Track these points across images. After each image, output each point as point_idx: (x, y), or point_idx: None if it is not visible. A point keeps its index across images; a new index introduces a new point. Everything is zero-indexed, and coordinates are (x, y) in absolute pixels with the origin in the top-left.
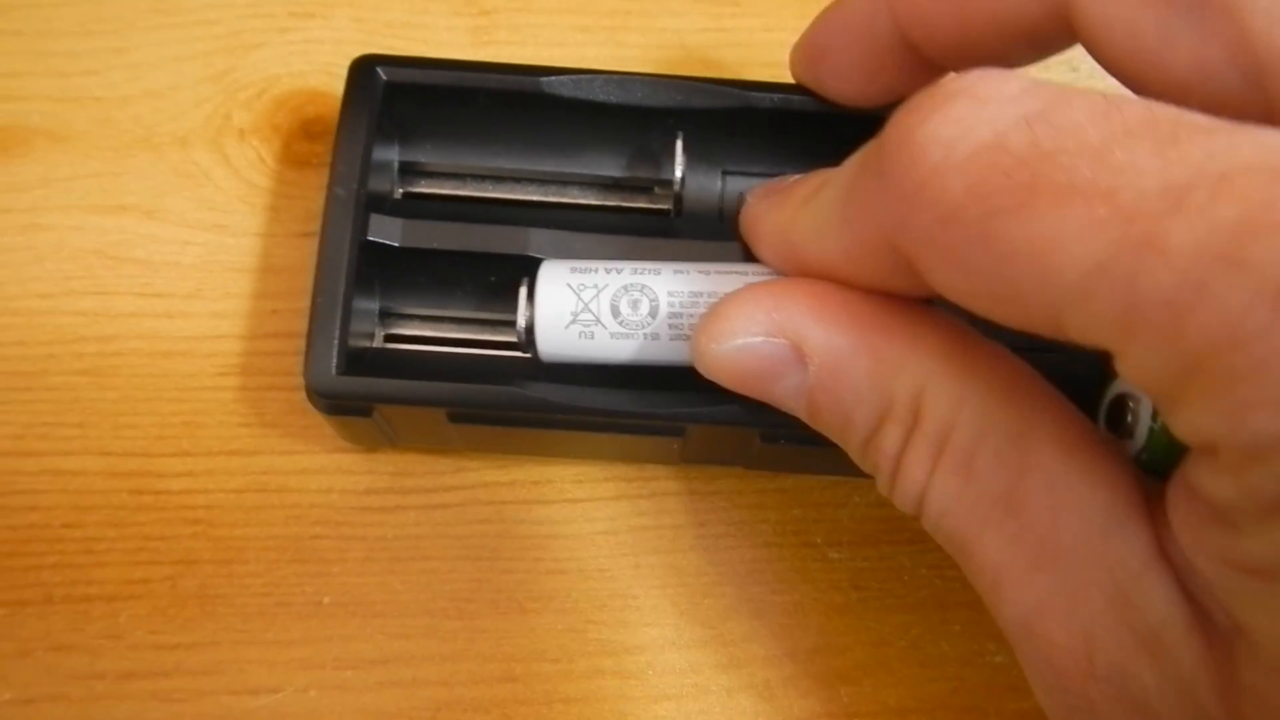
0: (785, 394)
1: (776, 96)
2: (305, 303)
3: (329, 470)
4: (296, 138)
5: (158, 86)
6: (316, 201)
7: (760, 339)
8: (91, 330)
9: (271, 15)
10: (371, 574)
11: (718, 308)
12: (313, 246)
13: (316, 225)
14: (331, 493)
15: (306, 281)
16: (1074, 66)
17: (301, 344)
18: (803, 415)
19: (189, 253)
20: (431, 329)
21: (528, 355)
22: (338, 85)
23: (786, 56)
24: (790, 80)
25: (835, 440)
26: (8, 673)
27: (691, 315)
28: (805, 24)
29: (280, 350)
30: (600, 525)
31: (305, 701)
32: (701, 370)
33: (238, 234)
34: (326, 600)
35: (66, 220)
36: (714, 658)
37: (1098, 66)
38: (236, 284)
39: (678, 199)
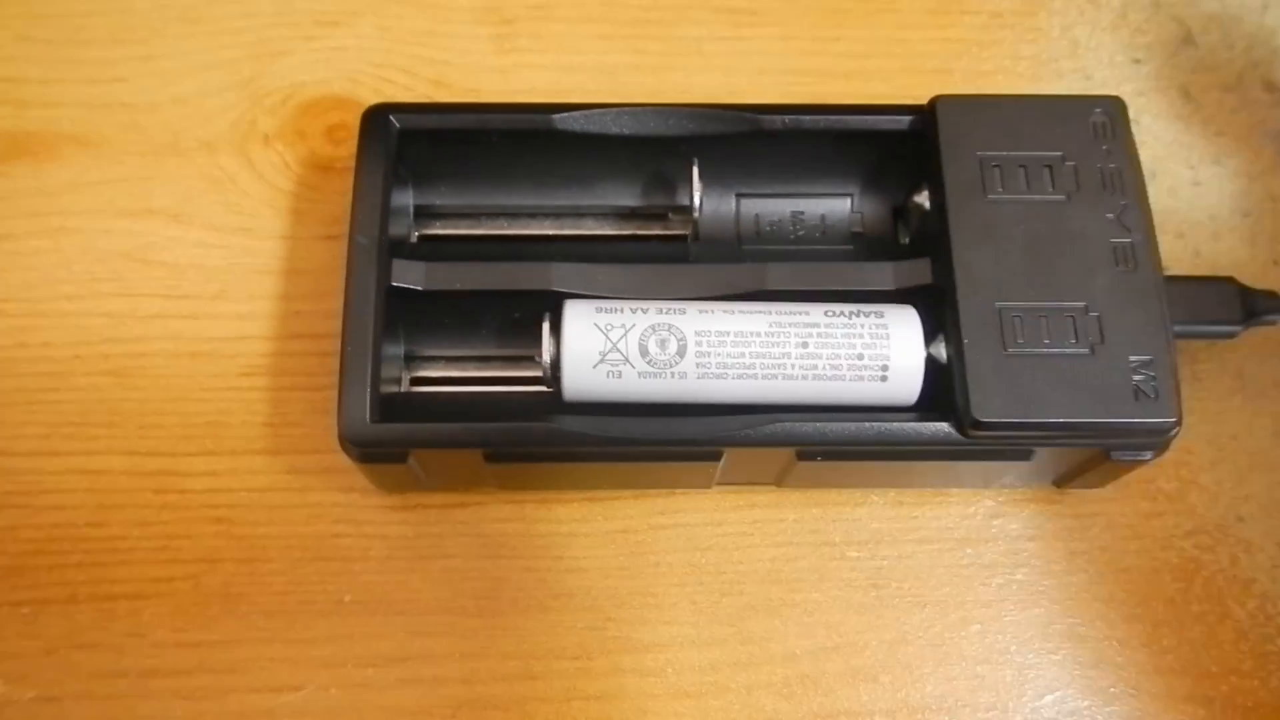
0: None
1: (787, 119)
2: (329, 304)
3: (351, 470)
4: (321, 143)
5: (185, 93)
6: (340, 205)
7: None
8: (118, 332)
9: (297, 24)
10: (393, 572)
11: None
12: (336, 249)
13: (340, 228)
14: (353, 491)
15: (330, 283)
16: (1089, 75)
17: (329, 347)
18: None
19: (214, 255)
20: (457, 369)
21: (553, 389)
22: (361, 92)
23: (803, 64)
24: (788, 91)
25: None
26: (32, 670)
27: (720, 354)
28: (823, 34)
29: (304, 351)
30: (620, 524)
31: (327, 699)
32: None
33: (262, 237)
34: (348, 598)
35: (94, 224)
36: (733, 656)
37: (1110, 76)
38: (261, 286)
39: (695, 224)
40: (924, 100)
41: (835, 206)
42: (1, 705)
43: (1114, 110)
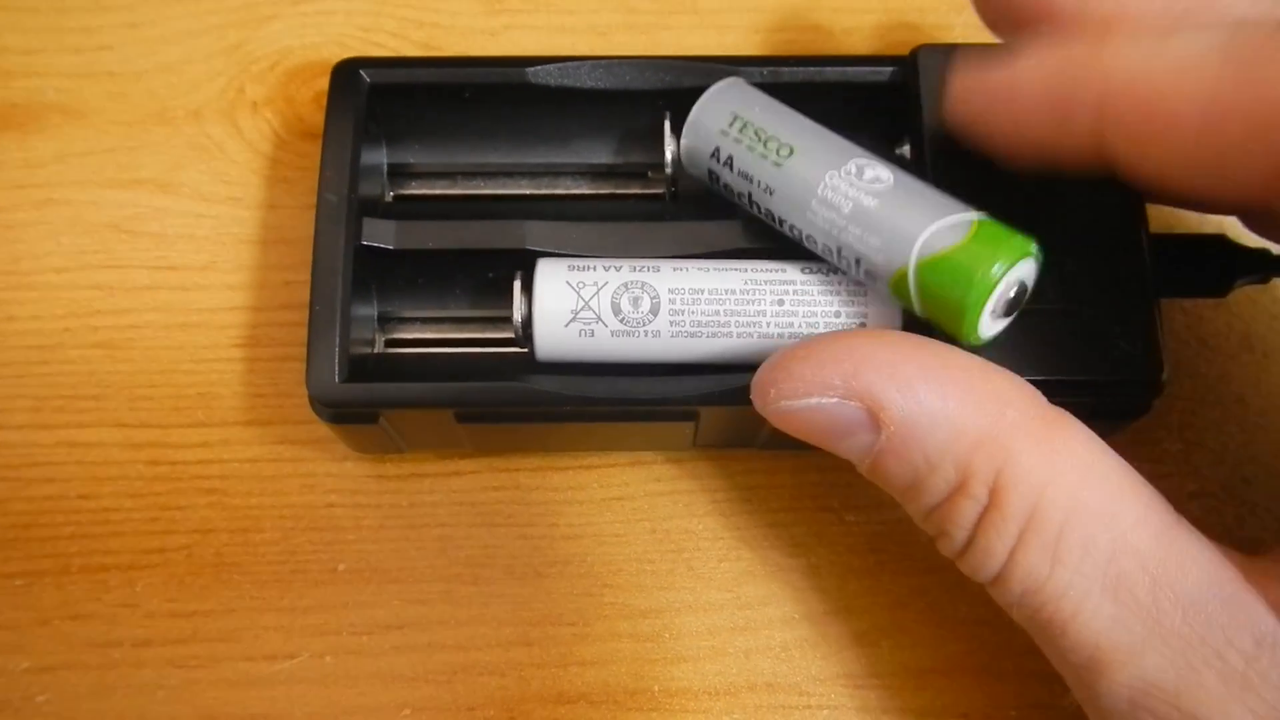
0: (849, 449)
1: (765, 70)
2: None
3: (343, 439)
4: (309, 109)
5: (171, 60)
6: None
7: (834, 400)
8: (107, 304)
9: None
10: (386, 541)
11: (790, 364)
12: None
13: None
14: (346, 461)
15: None
16: None
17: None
18: (863, 471)
19: (203, 226)
20: (432, 331)
21: (526, 349)
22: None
23: (799, 21)
24: (782, 50)
25: (894, 497)
26: (27, 641)
27: (694, 312)
28: None
29: (294, 321)
30: (615, 491)
31: (322, 667)
32: (761, 413)
33: (251, 206)
34: (342, 567)
35: (82, 195)
36: (731, 621)
37: None
38: (250, 256)
39: (672, 181)
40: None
41: None
42: None
43: None
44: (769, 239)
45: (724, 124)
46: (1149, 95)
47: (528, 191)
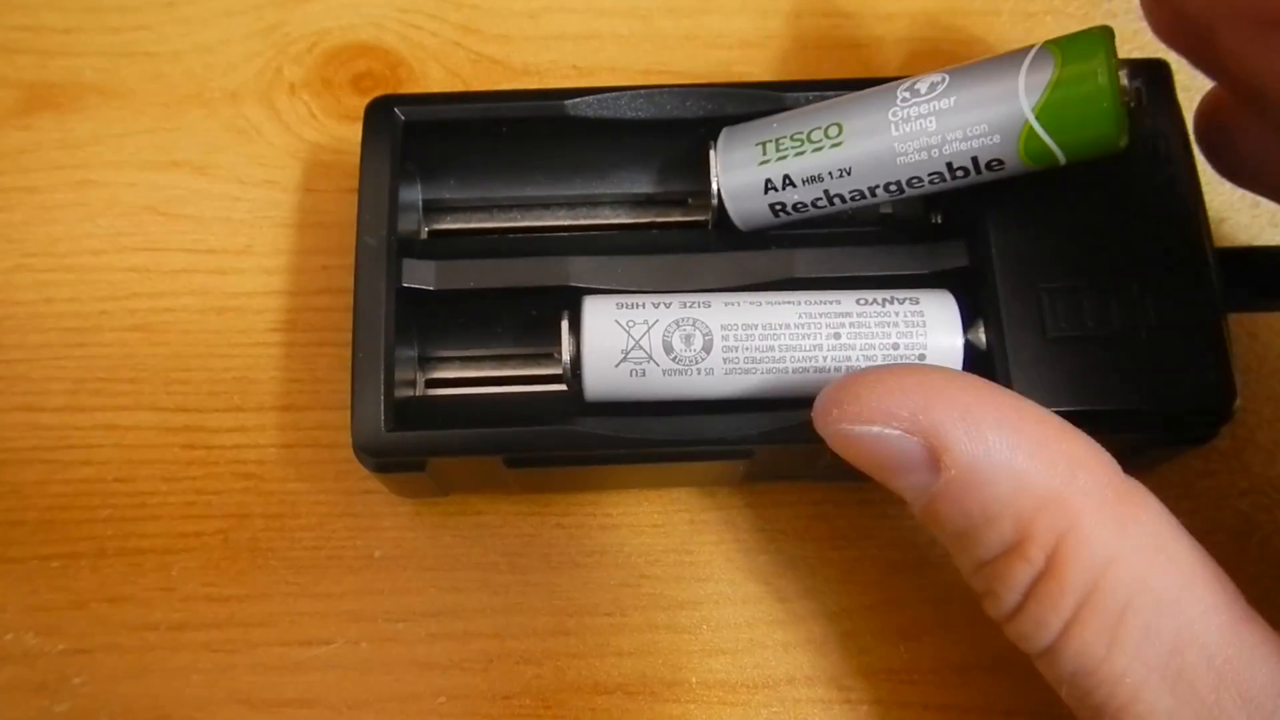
0: (905, 486)
1: (811, 95)
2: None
3: (387, 487)
4: (347, 92)
5: (209, 41)
6: None
7: (897, 433)
8: (144, 286)
9: None
10: (423, 528)
11: (858, 388)
12: None
13: None
14: None
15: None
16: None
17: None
18: (916, 512)
19: (240, 208)
20: (474, 370)
21: (573, 389)
22: (388, 38)
23: (841, 5)
24: (826, 35)
25: (943, 542)
26: (63, 623)
27: (748, 348)
28: None
29: (331, 306)
30: (666, 487)
31: (357, 653)
32: (820, 433)
33: (288, 189)
34: (378, 554)
35: (119, 176)
36: (769, 613)
37: None
38: (287, 239)
39: (716, 209)
40: (969, 46)
41: None
42: (33, 657)
43: (1158, 74)
44: (819, 268)
45: (757, 158)
46: None
47: (566, 222)
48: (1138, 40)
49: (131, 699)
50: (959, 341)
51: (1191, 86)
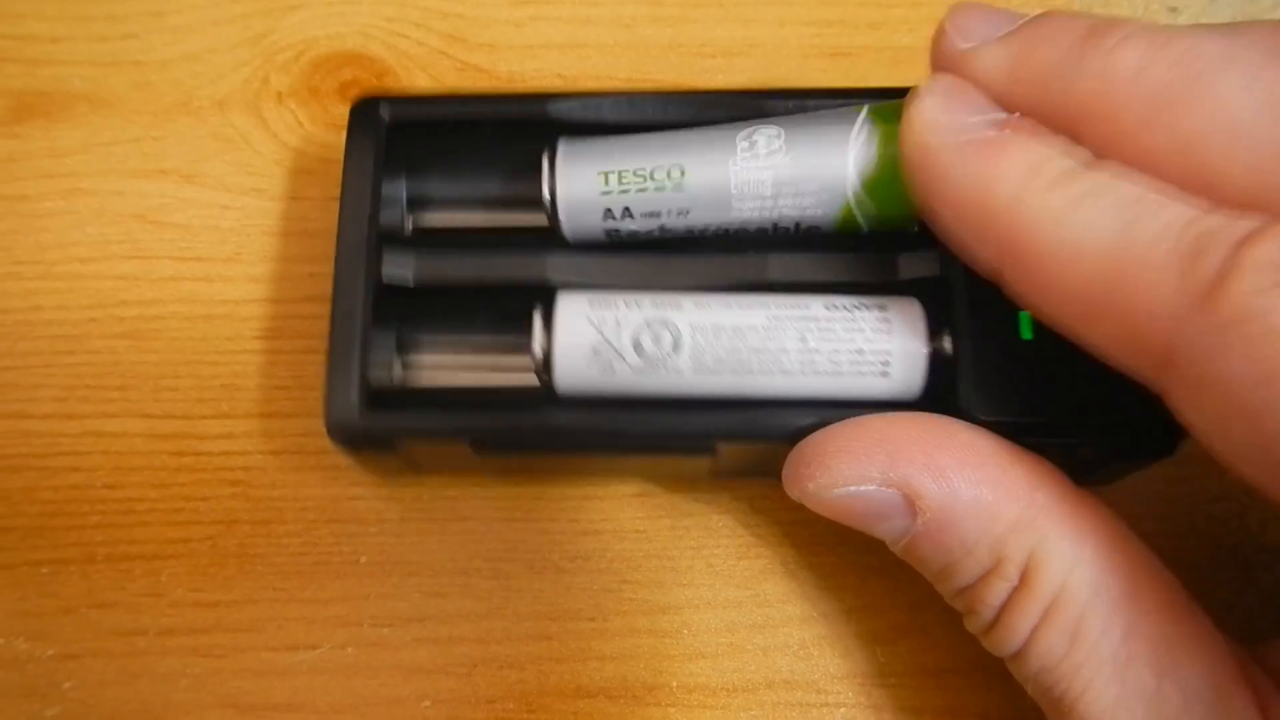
0: (885, 532)
1: (791, 103)
2: None
3: (360, 467)
4: (333, 100)
5: (196, 50)
6: None
7: (874, 487)
8: (132, 294)
9: None
10: (408, 534)
11: (823, 455)
12: None
13: None
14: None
15: None
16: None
17: None
18: (897, 551)
19: (227, 217)
20: (451, 359)
21: (545, 383)
22: (374, 47)
23: (824, 14)
24: (809, 42)
25: (926, 576)
26: (52, 629)
27: (715, 349)
28: None
29: (317, 314)
30: (636, 488)
31: (343, 658)
32: (797, 500)
33: (275, 198)
34: (363, 559)
35: (107, 185)
36: (750, 618)
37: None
38: (274, 248)
39: (551, 217)
40: None
41: None
42: (23, 662)
43: None
44: (793, 272)
45: (599, 187)
46: (1036, 271)
47: (547, 223)
48: None
49: (120, 703)
50: (924, 349)
51: None
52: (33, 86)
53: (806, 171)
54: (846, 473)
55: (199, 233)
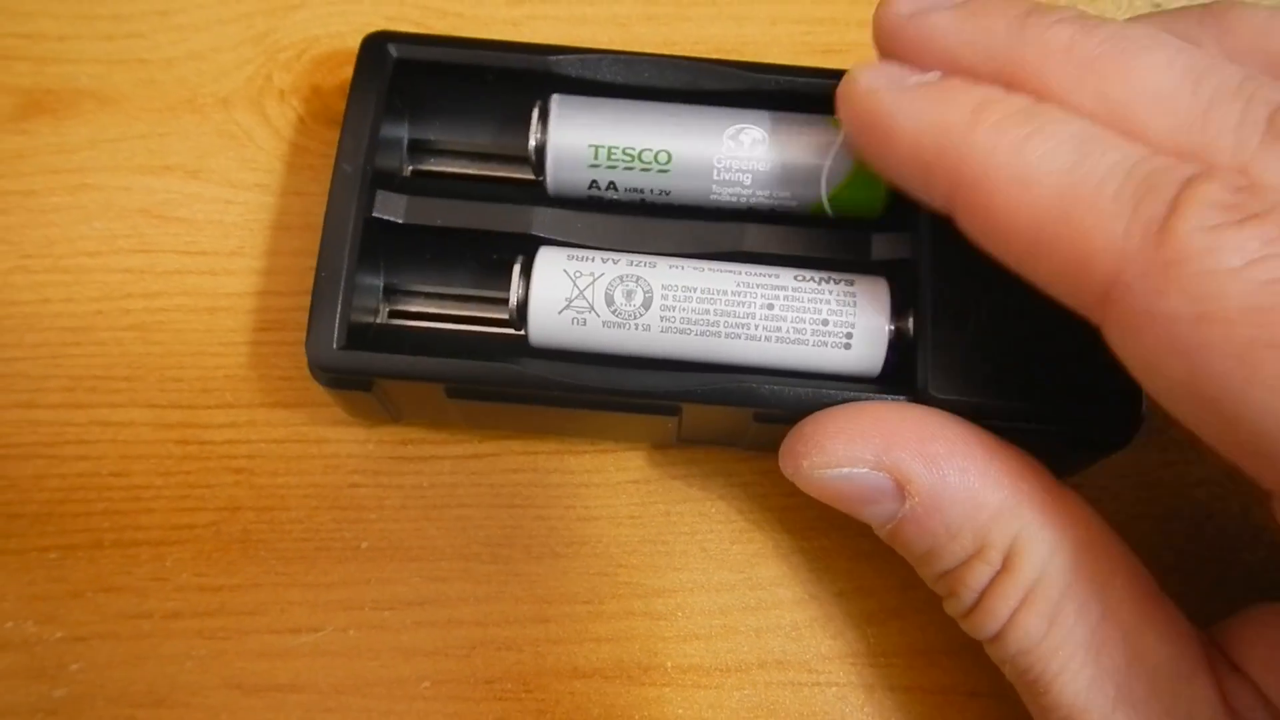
0: (872, 515)
1: (782, 79)
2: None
3: (339, 405)
4: (335, 97)
5: (201, 48)
6: None
7: (864, 470)
8: (138, 287)
9: None
10: (408, 520)
11: (820, 435)
12: None
13: None
14: (369, 443)
15: None
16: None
17: None
18: (882, 535)
19: (231, 211)
20: (434, 306)
21: (519, 332)
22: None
23: (816, 12)
24: (801, 41)
25: (906, 558)
26: (60, 612)
27: (684, 309)
28: None
29: None
30: (631, 474)
31: (345, 640)
32: (790, 479)
33: (278, 193)
34: (364, 545)
35: (114, 180)
36: (742, 600)
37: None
38: (277, 241)
39: (535, 166)
40: None
41: None
42: (32, 644)
43: None
44: (768, 244)
45: (588, 159)
46: (990, 201)
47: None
48: None
49: (127, 684)
50: (886, 325)
51: None
52: (40, 84)
53: (785, 172)
54: (841, 454)
55: (203, 227)
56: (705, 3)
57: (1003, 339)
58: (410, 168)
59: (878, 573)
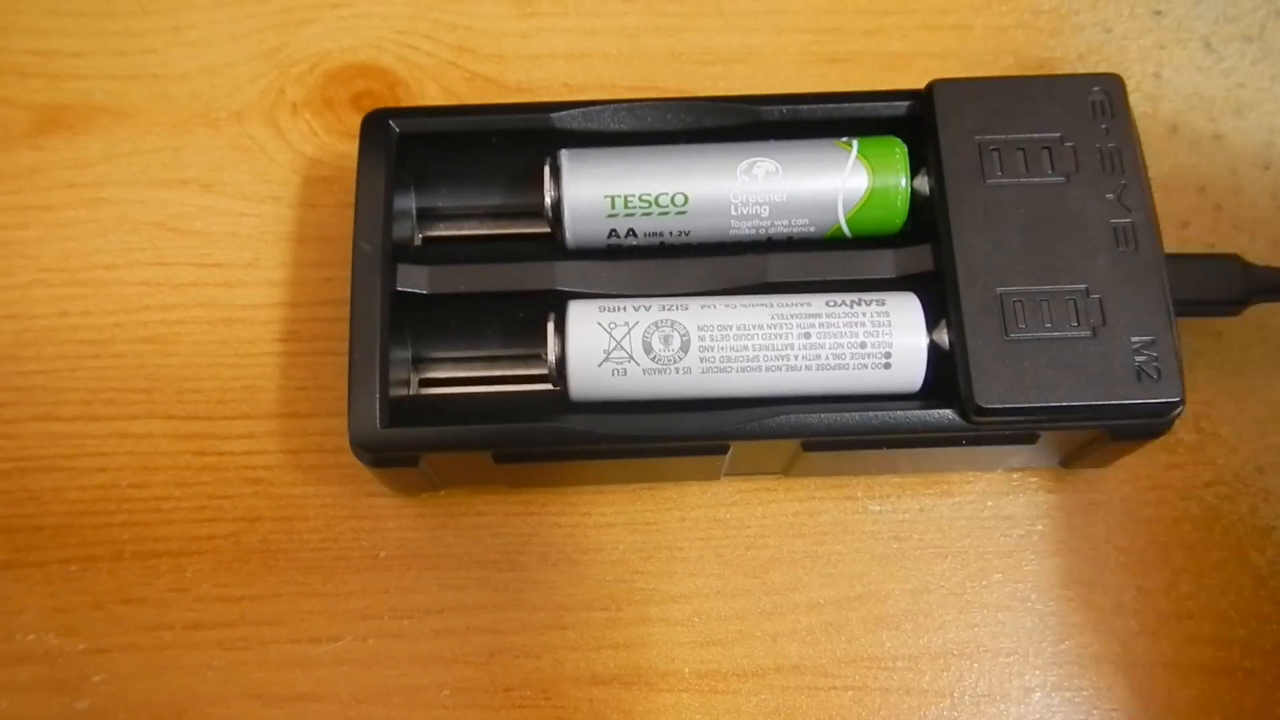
0: None
1: (785, 109)
2: None
3: (382, 482)
4: (347, 111)
5: (214, 63)
6: None
7: None
8: (154, 300)
9: None
10: (425, 529)
11: None
12: None
13: None
14: None
15: None
16: (1108, 28)
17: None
18: None
19: (246, 224)
20: (465, 370)
21: (559, 388)
22: (386, 59)
23: (821, 22)
24: (807, 51)
25: None
26: (81, 624)
27: (723, 348)
28: None
29: (334, 317)
30: (646, 482)
31: (365, 649)
32: None
33: (292, 205)
34: (383, 554)
35: (129, 194)
36: (758, 605)
37: (1131, 28)
38: (291, 253)
39: (553, 223)
40: (943, 60)
41: None
42: (54, 657)
43: (1112, 88)
44: (792, 272)
45: (605, 210)
46: None
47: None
48: (1103, 53)
49: (149, 696)
50: (924, 341)
51: (1161, 74)
52: (56, 100)
53: (801, 200)
54: None
55: (218, 239)
56: (712, 13)
57: (1038, 340)
58: (420, 235)
59: (893, 577)
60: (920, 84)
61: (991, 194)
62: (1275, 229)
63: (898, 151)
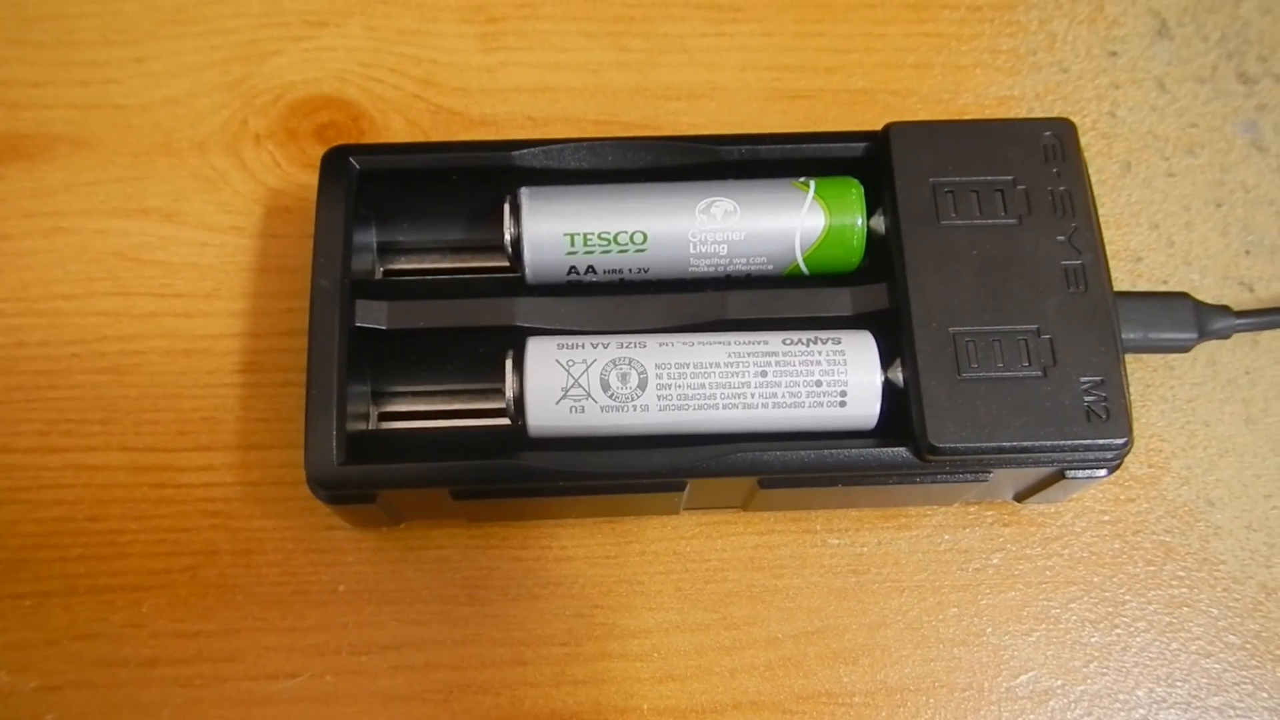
0: None
1: (744, 149)
2: None
3: (341, 518)
4: (310, 142)
5: (176, 94)
6: None
7: None
8: (113, 330)
9: (286, 24)
10: (385, 563)
11: None
12: None
13: None
14: None
15: None
16: (1065, 68)
17: None
18: None
19: (207, 254)
20: (425, 404)
21: (517, 425)
22: (350, 91)
23: (784, 60)
24: (770, 86)
25: None
26: (34, 661)
27: (680, 386)
28: (804, 29)
29: (295, 348)
30: (607, 516)
31: (322, 686)
32: None
33: (253, 235)
34: (342, 588)
35: (89, 224)
36: (717, 640)
37: (1087, 68)
38: (252, 284)
39: (513, 259)
40: (903, 98)
41: None
42: (5, 695)
43: (1064, 132)
44: (750, 310)
45: (565, 247)
46: None
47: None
48: (1060, 92)
49: None
50: (878, 379)
51: (1116, 113)
52: (15, 129)
53: (759, 239)
54: None
55: (179, 270)
56: (676, 50)
57: (990, 380)
58: (381, 268)
59: (850, 611)
60: (881, 121)
61: (946, 235)
62: (1226, 265)
63: (854, 192)
